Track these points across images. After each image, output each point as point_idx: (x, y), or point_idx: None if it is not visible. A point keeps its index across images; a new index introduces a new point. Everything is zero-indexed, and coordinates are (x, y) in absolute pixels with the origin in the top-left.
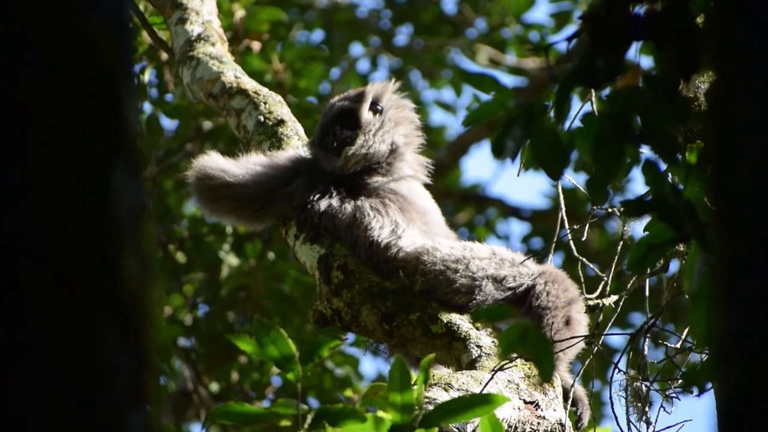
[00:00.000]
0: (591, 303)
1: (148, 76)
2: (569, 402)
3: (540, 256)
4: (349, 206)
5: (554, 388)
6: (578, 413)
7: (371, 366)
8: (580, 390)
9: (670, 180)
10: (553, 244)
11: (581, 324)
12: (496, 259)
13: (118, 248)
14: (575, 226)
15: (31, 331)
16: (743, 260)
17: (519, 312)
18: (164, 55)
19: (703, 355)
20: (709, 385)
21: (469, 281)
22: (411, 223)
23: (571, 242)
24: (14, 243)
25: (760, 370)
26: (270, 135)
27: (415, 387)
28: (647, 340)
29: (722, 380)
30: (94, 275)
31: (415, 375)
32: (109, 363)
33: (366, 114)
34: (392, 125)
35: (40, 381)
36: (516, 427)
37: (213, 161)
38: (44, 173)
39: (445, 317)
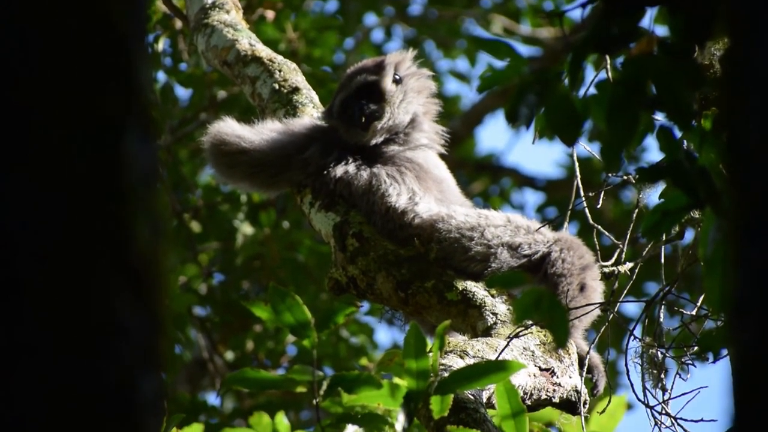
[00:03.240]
0: (606, 271)
1: (162, 44)
2: (585, 369)
3: (555, 225)
4: (365, 173)
5: (570, 355)
6: (594, 380)
7: (386, 335)
8: (595, 357)
9: (684, 146)
10: (569, 213)
11: (596, 291)
12: (511, 227)
13: (130, 211)
14: (590, 194)
15: (39, 291)
16: (754, 224)
17: (534, 279)
18: (179, 24)
19: (718, 322)
20: (724, 352)
21: (484, 249)
22: (427, 191)
23: (587, 210)
24: (26, 204)
25: None
26: (285, 103)
27: (430, 354)
28: (663, 307)
29: (736, 345)
30: (105, 237)
31: (430, 342)
32: (119, 325)
33: (390, 86)
34: (413, 95)
35: (47, 340)
36: (531, 394)
37: (228, 127)
38: (54, 135)
39: (461, 284)
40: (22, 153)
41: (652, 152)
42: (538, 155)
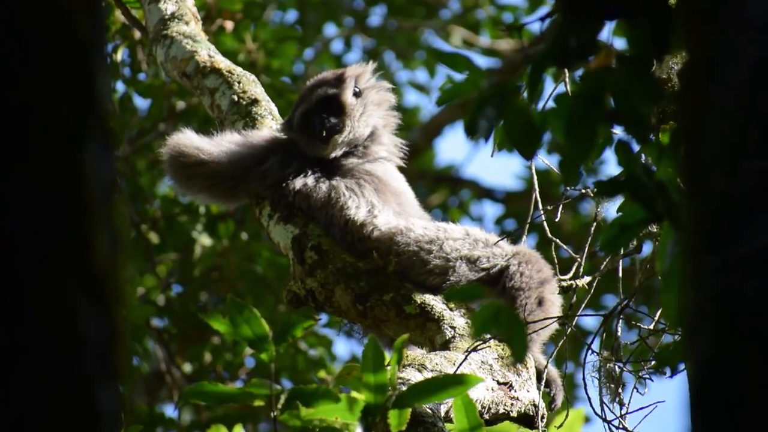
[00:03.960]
0: (564, 284)
1: (121, 55)
2: (543, 383)
3: (514, 238)
4: (324, 186)
5: (528, 369)
6: (552, 394)
7: (344, 347)
8: (553, 371)
9: (642, 160)
10: (527, 226)
11: (554, 305)
12: (470, 240)
13: (90, 221)
14: (549, 207)
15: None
16: (710, 239)
17: (493, 293)
18: (137, 34)
19: (676, 336)
20: (682, 366)
21: (442, 262)
22: (386, 204)
23: (545, 223)
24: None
25: (727, 345)
26: (244, 114)
27: (388, 367)
28: (620, 321)
29: (692, 360)
30: (65, 248)
31: (388, 355)
32: (80, 334)
33: (350, 99)
34: (373, 108)
35: (6, 347)
36: (489, 408)
37: (187, 139)
38: (12, 147)
39: (419, 298)
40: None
41: (611, 164)
42: (498, 167)
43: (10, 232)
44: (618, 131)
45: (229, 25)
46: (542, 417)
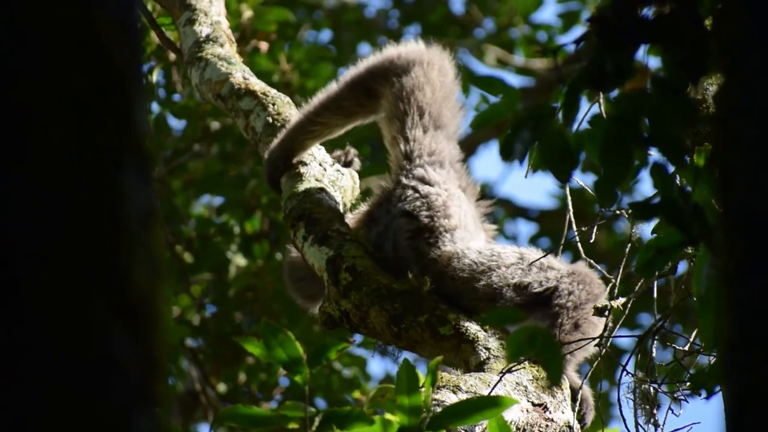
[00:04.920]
0: (599, 306)
1: (156, 76)
2: (578, 403)
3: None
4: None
5: (563, 390)
6: (582, 413)
7: (379, 367)
8: (586, 390)
9: (678, 183)
10: (561, 246)
11: (594, 325)
12: (523, 266)
13: (126, 249)
14: (583, 228)
15: (33, 331)
16: (748, 263)
17: (541, 313)
18: (172, 56)
19: (712, 358)
20: (718, 388)
21: (491, 290)
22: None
23: (579, 243)
24: (19, 244)
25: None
26: (278, 136)
27: (423, 389)
28: (655, 341)
29: (729, 385)
30: (101, 276)
31: (423, 377)
32: (116, 364)
33: None
34: None
35: (42, 382)
36: (524, 429)
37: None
38: (51, 173)
39: (454, 319)
40: (15, 190)
41: (646, 183)
42: (532, 185)
43: (41, 260)
44: (653, 153)
45: (263, 45)
46: None
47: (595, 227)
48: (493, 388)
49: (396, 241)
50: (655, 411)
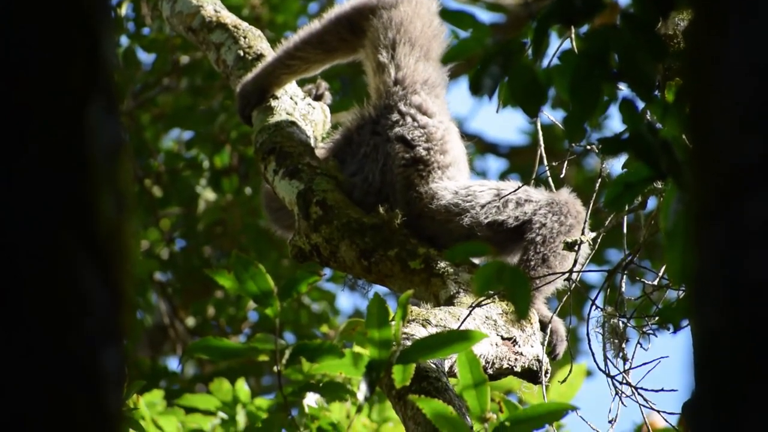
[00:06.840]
0: (569, 240)
1: (125, 9)
2: (548, 334)
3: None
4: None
5: (532, 324)
6: (552, 344)
7: (348, 302)
8: (557, 322)
9: (647, 118)
10: (532, 181)
11: (563, 259)
12: (499, 203)
13: (94, 184)
14: (554, 163)
15: None
16: (716, 200)
17: (512, 251)
18: None
19: (680, 293)
20: (685, 323)
21: (465, 231)
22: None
23: (550, 179)
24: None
25: (733, 309)
26: (250, 69)
27: (393, 323)
28: (624, 276)
29: (696, 320)
30: (68, 211)
31: (393, 310)
32: (83, 297)
33: None
34: None
35: (9, 315)
36: (493, 363)
37: None
38: (14, 108)
39: (424, 253)
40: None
41: (615, 120)
42: (502, 122)
43: (11, 198)
44: (622, 88)
45: None
46: (546, 372)
47: (565, 163)
48: (462, 322)
49: (386, 164)
50: (623, 345)
